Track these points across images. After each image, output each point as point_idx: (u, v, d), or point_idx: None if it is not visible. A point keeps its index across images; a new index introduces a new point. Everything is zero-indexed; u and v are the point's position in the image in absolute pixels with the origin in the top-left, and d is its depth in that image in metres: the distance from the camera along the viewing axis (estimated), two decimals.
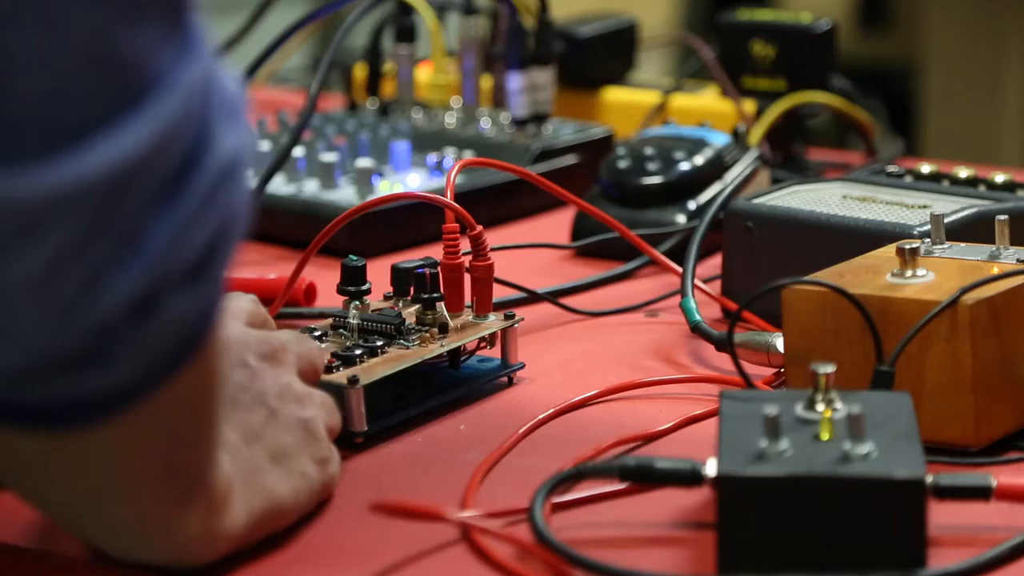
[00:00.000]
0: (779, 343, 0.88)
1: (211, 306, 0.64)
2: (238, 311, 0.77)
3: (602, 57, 1.31)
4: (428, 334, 0.87)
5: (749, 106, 1.24)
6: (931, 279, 0.82)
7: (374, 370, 0.83)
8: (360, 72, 1.29)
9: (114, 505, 0.67)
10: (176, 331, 0.63)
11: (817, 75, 1.24)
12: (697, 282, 0.96)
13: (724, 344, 0.86)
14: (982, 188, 1.00)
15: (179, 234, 0.61)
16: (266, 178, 1.10)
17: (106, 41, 0.59)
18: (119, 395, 0.63)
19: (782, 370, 0.88)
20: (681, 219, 1.10)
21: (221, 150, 0.63)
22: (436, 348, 0.87)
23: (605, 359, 0.95)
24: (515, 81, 1.21)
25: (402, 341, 0.87)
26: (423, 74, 1.28)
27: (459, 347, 0.88)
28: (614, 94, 1.32)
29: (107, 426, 0.63)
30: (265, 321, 0.79)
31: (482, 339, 0.89)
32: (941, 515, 0.72)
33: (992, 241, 0.85)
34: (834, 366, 0.73)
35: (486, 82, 1.26)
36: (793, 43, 1.24)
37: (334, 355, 0.84)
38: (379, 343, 0.86)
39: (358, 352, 0.84)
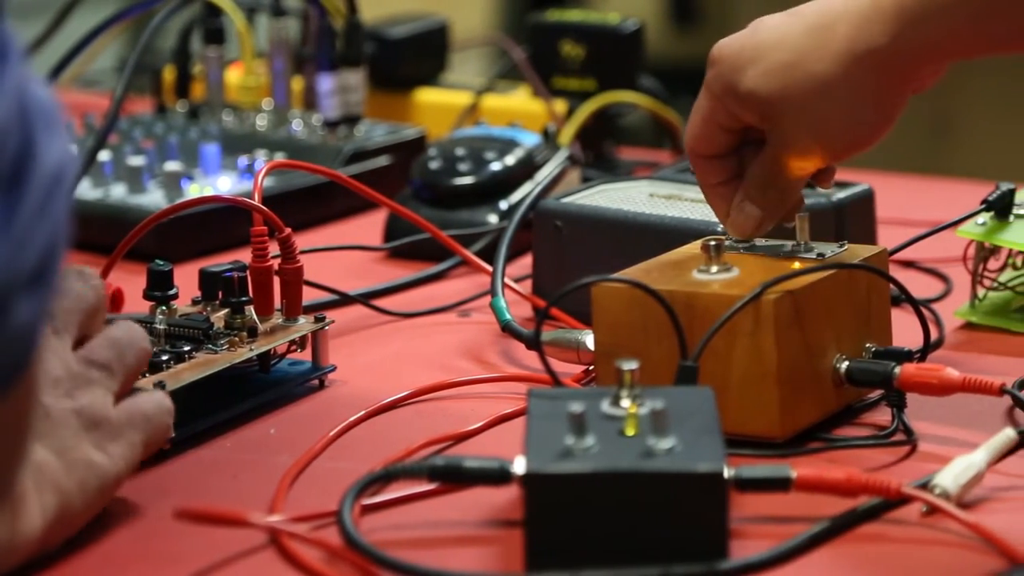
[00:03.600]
0: (589, 341, 0.89)
1: (46, 313, 0.64)
2: None
3: (413, 58, 1.31)
4: (237, 338, 0.87)
5: (560, 106, 1.25)
6: (735, 274, 0.83)
7: (181, 375, 0.83)
8: (169, 74, 1.28)
9: None
10: (20, 340, 0.62)
11: (626, 75, 1.25)
12: (508, 281, 0.96)
13: (533, 343, 0.87)
14: None
15: (21, 241, 0.61)
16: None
17: None
18: None
19: (592, 367, 0.89)
20: (493, 219, 1.10)
21: (48, 159, 0.62)
22: (245, 352, 0.86)
23: (417, 360, 0.95)
24: (326, 83, 1.20)
25: (210, 346, 0.86)
26: (233, 76, 1.27)
27: (269, 350, 0.88)
28: (426, 95, 1.32)
29: None
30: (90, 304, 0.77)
31: (292, 342, 0.89)
32: (744, 507, 0.73)
33: (793, 237, 0.87)
34: (638, 362, 0.74)
35: (297, 84, 1.25)
36: (601, 43, 1.25)
37: None
38: (186, 348, 0.85)
39: (165, 358, 0.83)
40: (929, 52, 0.82)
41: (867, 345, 0.85)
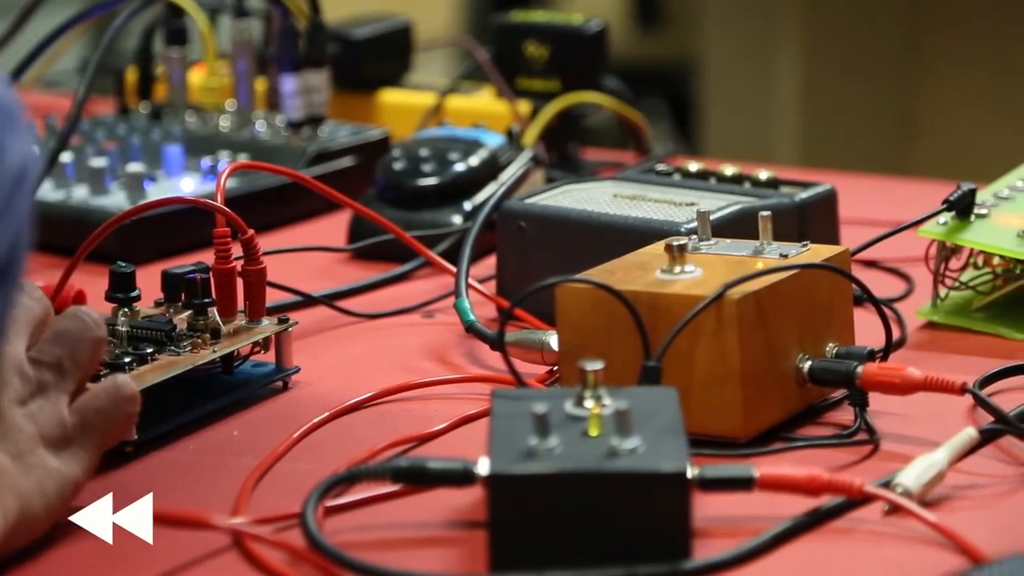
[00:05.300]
0: (553, 341, 0.89)
1: (9, 311, 0.64)
2: None
3: (377, 59, 1.31)
4: (200, 340, 0.87)
5: (524, 107, 1.25)
6: (699, 275, 0.83)
7: (144, 377, 0.82)
8: (131, 76, 1.27)
9: None
10: None
11: (590, 75, 1.25)
12: (472, 282, 0.96)
13: (497, 343, 0.87)
14: (747, 185, 1.02)
15: None
16: None
17: None
18: None
19: (556, 368, 0.89)
20: (457, 220, 1.10)
21: (10, 158, 0.62)
22: (208, 354, 0.86)
23: (381, 361, 0.95)
24: (289, 83, 1.20)
25: (173, 348, 0.86)
26: (196, 77, 1.27)
27: (232, 352, 0.88)
28: (390, 96, 1.32)
29: None
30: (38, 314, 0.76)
31: (256, 344, 0.89)
32: (707, 507, 0.73)
33: (756, 237, 0.87)
34: (602, 362, 0.74)
35: (260, 85, 1.25)
36: (565, 44, 1.25)
37: (103, 363, 0.83)
38: (149, 350, 0.85)
39: (127, 360, 0.83)
40: None
41: (829, 345, 0.85)
